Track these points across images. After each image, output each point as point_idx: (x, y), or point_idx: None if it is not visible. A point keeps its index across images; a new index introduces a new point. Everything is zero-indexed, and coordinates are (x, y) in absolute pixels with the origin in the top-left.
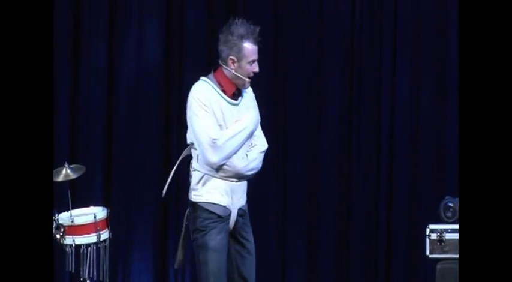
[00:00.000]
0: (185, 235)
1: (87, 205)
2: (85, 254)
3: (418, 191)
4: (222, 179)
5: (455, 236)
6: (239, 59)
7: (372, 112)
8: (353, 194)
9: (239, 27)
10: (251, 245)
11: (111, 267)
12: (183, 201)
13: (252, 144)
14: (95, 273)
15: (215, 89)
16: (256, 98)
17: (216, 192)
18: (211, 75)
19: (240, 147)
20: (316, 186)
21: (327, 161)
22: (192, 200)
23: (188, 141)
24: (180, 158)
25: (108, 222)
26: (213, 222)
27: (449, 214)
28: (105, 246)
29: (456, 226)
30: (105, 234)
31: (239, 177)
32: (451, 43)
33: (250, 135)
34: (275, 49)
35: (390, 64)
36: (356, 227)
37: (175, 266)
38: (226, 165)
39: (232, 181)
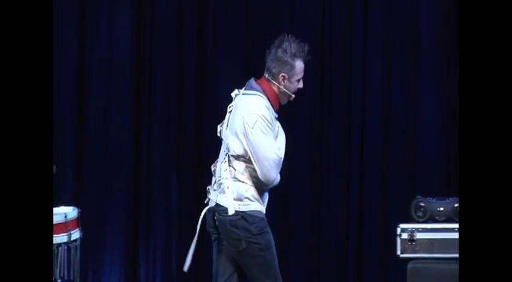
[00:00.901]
0: (198, 240)
1: (57, 205)
2: (56, 254)
3: (389, 191)
4: (262, 189)
5: (426, 235)
6: (290, 77)
7: (343, 113)
8: (324, 194)
9: (292, 45)
10: None
11: (82, 267)
12: (154, 202)
13: None
14: (65, 273)
15: (271, 105)
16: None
17: (258, 203)
18: (259, 89)
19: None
20: (286, 187)
21: (298, 161)
22: (239, 209)
23: (235, 153)
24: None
25: (79, 222)
26: (263, 219)
27: (420, 213)
28: (76, 246)
29: (427, 225)
30: (76, 234)
31: (275, 184)
32: (421, 44)
33: None
34: (246, 50)
35: (361, 65)
36: (327, 226)
37: (186, 269)
38: (271, 183)
39: (266, 191)
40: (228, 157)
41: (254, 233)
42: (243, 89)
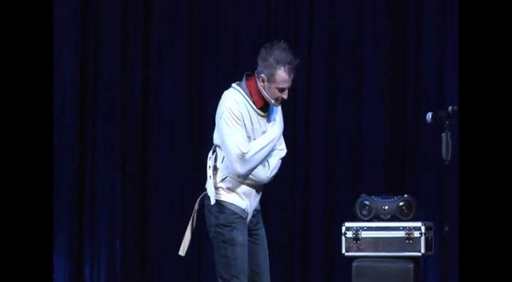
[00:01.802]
0: (193, 226)
1: None
2: None
3: (334, 189)
4: (241, 182)
5: (371, 234)
6: (269, 81)
7: (288, 112)
8: (269, 193)
9: (279, 52)
10: (262, 239)
11: None
12: (98, 202)
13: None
14: None
15: (246, 100)
16: (172, 97)
17: (236, 195)
18: (243, 84)
19: (266, 159)
20: None
21: None
22: (215, 197)
23: (214, 142)
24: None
25: None
26: (237, 218)
27: (365, 212)
28: None
29: (372, 224)
30: None
31: (260, 184)
32: (366, 45)
33: (274, 146)
34: (190, 48)
35: (306, 66)
36: (272, 225)
37: (182, 253)
38: (252, 175)
39: (253, 187)
40: (214, 146)
41: (221, 223)
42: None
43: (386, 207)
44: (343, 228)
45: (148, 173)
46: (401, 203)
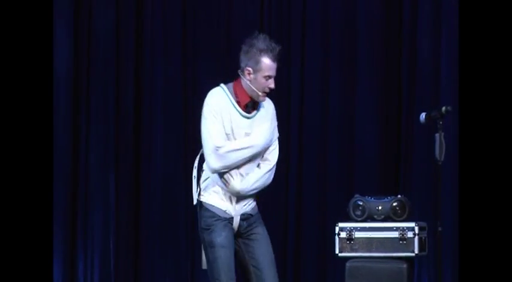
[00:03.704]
0: None
1: None
2: None
3: (327, 190)
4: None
5: (365, 234)
6: (255, 71)
7: (282, 111)
8: (262, 193)
9: (260, 41)
10: (260, 236)
11: None
12: (91, 203)
13: (263, 157)
14: None
15: (229, 98)
16: (165, 97)
17: (217, 196)
18: (230, 84)
19: (244, 162)
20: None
21: None
22: (197, 198)
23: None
24: (197, 160)
25: None
26: (216, 220)
27: (358, 212)
28: None
29: (365, 224)
30: None
31: (238, 196)
32: (360, 43)
33: (260, 152)
34: (183, 48)
35: (299, 64)
36: (265, 225)
37: (203, 267)
38: (225, 182)
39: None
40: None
41: (202, 227)
42: None
43: (380, 208)
44: (337, 229)
45: (141, 174)
46: (394, 204)
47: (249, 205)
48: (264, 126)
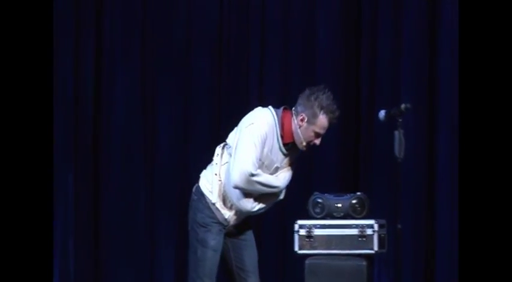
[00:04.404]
0: None
1: None
2: None
3: (287, 187)
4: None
5: (324, 231)
6: (309, 122)
7: (240, 108)
8: None
9: (325, 97)
10: (248, 238)
11: None
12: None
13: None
14: None
15: (276, 128)
16: (122, 92)
17: (225, 203)
18: (279, 113)
19: (260, 197)
20: (185, 181)
21: (197, 156)
22: (204, 192)
23: (228, 141)
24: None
25: None
26: (215, 222)
27: (317, 210)
28: None
29: (325, 222)
30: None
31: (243, 213)
32: (319, 44)
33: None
34: (143, 45)
35: (258, 64)
36: None
37: None
38: (237, 202)
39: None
40: (225, 147)
41: (197, 221)
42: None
43: (339, 205)
44: (296, 226)
45: (100, 174)
46: (354, 201)
47: (243, 219)
48: (290, 173)
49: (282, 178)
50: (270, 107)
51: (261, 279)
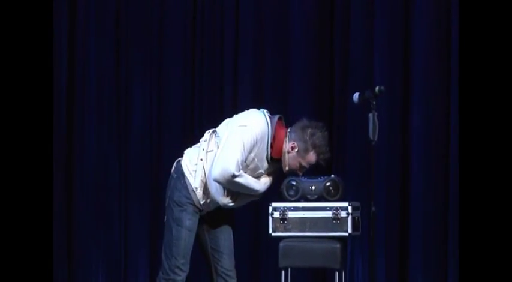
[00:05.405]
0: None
1: None
2: None
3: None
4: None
5: (298, 214)
6: (298, 153)
7: (214, 103)
8: None
9: (321, 138)
10: (224, 220)
11: None
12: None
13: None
14: None
15: (268, 136)
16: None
17: (205, 189)
18: (274, 122)
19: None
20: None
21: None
22: (185, 173)
23: (218, 130)
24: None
25: None
26: (191, 203)
27: (291, 192)
28: None
29: (298, 204)
30: None
31: (218, 204)
32: (293, 28)
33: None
34: (117, 39)
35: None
36: None
37: None
38: (215, 194)
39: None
40: (213, 134)
41: (174, 200)
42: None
43: (313, 188)
44: (270, 209)
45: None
46: (328, 184)
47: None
48: (271, 178)
49: (262, 183)
50: (265, 111)
51: (235, 262)
